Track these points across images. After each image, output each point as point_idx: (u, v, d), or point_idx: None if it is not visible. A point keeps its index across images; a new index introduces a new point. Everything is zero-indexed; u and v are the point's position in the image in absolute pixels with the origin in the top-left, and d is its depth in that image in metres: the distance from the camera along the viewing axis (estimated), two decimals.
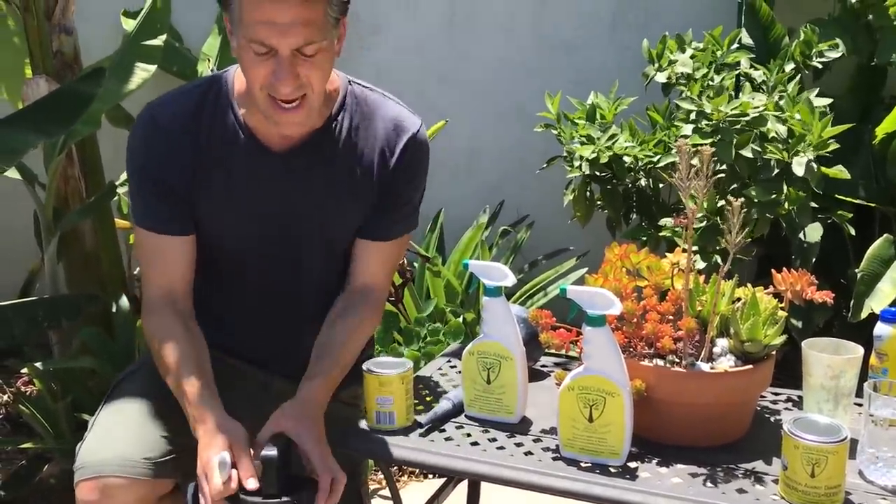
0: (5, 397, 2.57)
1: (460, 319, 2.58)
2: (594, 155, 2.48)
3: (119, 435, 1.39)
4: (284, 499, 1.25)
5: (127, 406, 1.46)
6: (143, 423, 1.41)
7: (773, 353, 1.36)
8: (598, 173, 2.58)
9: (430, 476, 2.48)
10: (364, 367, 1.45)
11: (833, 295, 1.37)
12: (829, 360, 1.36)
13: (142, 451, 1.36)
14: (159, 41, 2.60)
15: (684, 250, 1.37)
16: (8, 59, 2.69)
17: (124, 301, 2.58)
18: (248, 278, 1.55)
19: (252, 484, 1.26)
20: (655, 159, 2.46)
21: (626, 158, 2.49)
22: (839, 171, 2.34)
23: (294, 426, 1.33)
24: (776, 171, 2.33)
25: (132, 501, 1.34)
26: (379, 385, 1.41)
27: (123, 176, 2.86)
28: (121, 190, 2.81)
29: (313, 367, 1.44)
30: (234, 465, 1.28)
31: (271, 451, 1.26)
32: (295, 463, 1.31)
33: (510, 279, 1.43)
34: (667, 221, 2.43)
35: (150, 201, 1.46)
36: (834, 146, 2.29)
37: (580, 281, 1.48)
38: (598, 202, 2.71)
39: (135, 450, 1.36)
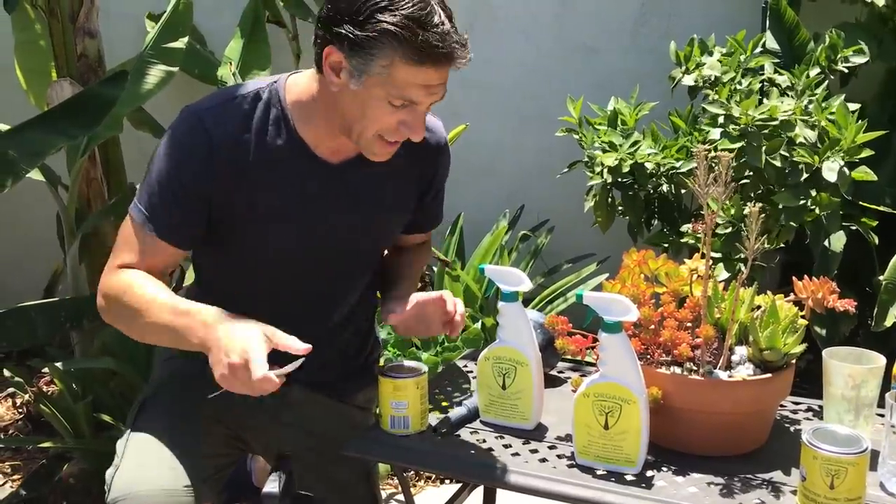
0: (27, 397, 2.60)
1: (479, 325, 2.57)
2: (616, 163, 2.46)
3: (155, 464, 1.37)
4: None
5: (157, 432, 1.43)
6: (176, 450, 1.40)
7: (793, 362, 1.34)
8: (619, 179, 2.56)
9: (447, 481, 2.47)
10: (379, 370, 1.44)
11: (855, 303, 1.35)
12: (850, 369, 1.34)
13: (181, 478, 1.36)
14: (181, 44, 2.63)
15: (703, 256, 1.36)
16: (33, 63, 2.73)
17: None
18: (282, 285, 1.51)
19: (300, 346, 1.24)
20: (678, 165, 2.44)
21: (647, 164, 2.47)
22: (865, 173, 2.30)
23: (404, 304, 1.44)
24: (804, 176, 2.30)
25: None
26: (394, 389, 1.40)
27: None
28: None
29: (393, 283, 1.54)
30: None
31: (272, 488, 1.24)
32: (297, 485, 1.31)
33: (526, 284, 1.42)
34: (688, 228, 2.41)
35: (167, 202, 1.40)
36: (868, 152, 2.25)
37: (600, 287, 1.46)
38: (620, 208, 2.69)
39: (173, 479, 1.35)
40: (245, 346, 1.21)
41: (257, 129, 1.41)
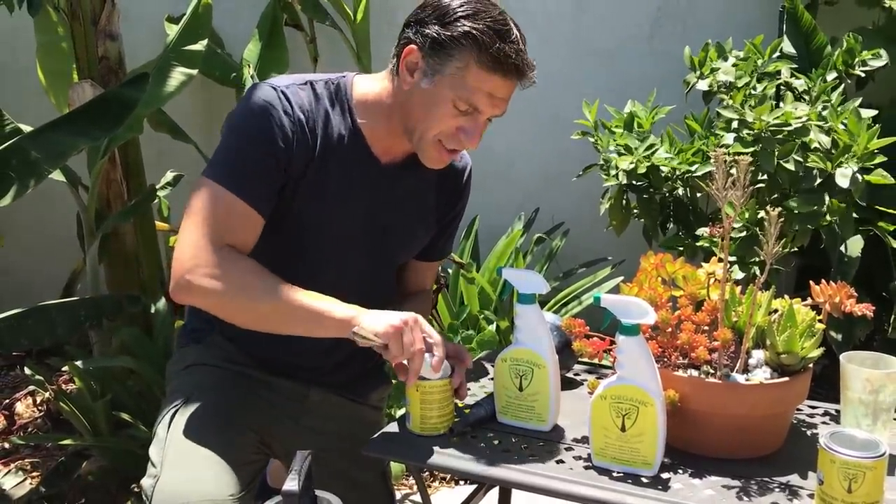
0: (47, 395, 2.62)
1: (493, 327, 2.58)
2: (632, 166, 2.47)
3: (197, 475, 1.37)
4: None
5: (193, 442, 1.43)
6: (216, 459, 1.40)
7: (810, 365, 1.34)
8: (634, 182, 2.57)
9: (461, 482, 2.48)
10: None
11: (873, 308, 1.35)
12: (868, 374, 1.34)
13: (225, 488, 1.36)
14: (201, 46, 2.65)
15: (720, 260, 1.36)
16: (55, 64, 2.76)
17: (163, 302, 2.62)
18: (314, 280, 1.49)
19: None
20: (693, 168, 2.44)
21: (663, 168, 2.48)
22: (882, 177, 2.30)
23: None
24: (818, 181, 2.30)
25: None
26: (423, 393, 1.40)
27: (164, 179, 2.92)
28: (161, 193, 2.87)
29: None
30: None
31: (292, 486, 1.24)
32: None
33: (543, 287, 1.43)
34: (704, 231, 2.41)
35: (253, 170, 1.40)
36: (881, 158, 2.25)
37: (615, 290, 1.47)
38: (635, 211, 2.69)
39: (218, 489, 1.35)
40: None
41: (325, 114, 1.47)
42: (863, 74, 2.56)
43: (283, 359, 1.57)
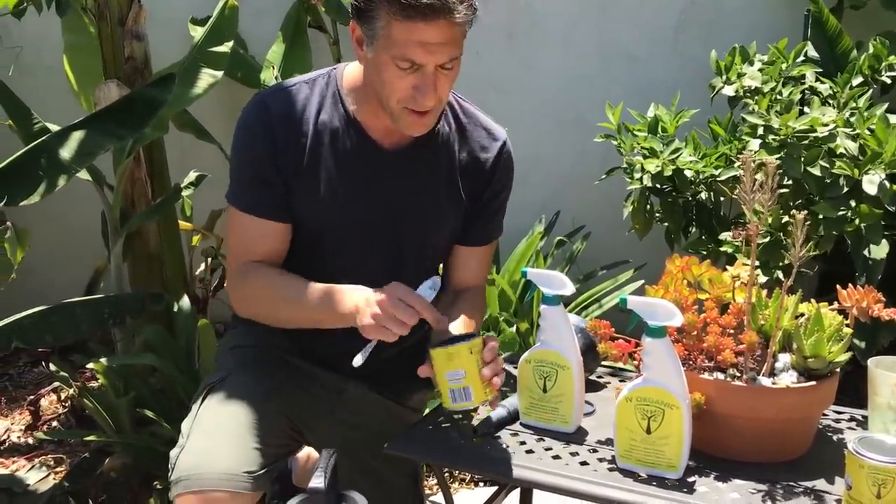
0: (71, 391, 2.65)
1: (514, 329, 2.58)
2: (658, 169, 2.46)
3: (219, 448, 1.40)
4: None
5: (221, 418, 1.47)
6: (240, 436, 1.43)
7: (837, 370, 1.34)
8: (658, 186, 2.56)
9: (482, 484, 2.48)
10: (430, 345, 1.40)
11: None
12: None
13: (243, 464, 1.39)
14: (226, 48, 2.67)
15: (746, 263, 1.36)
16: (83, 64, 2.79)
17: (186, 301, 2.64)
18: (338, 274, 1.52)
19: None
20: (717, 173, 2.43)
21: (687, 172, 2.47)
22: None
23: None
24: (844, 187, 2.28)
25: None
26: (448, 359, 1.34)
27: (188, 179, 2.94)
28: (185, 192, 2.89)
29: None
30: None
31: (318, 483, 1.24)
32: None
33: (569, 288, 1.43)
34: (727, 236, 2.40)
35: (253, 185, 1.49)
36: None
37: (637, 293, 1.47)
38: (658, 214, 2.68)
39: (236, 464, 1.38)
40: (388, 286, 1.35)
41: (316, 109, 1.49)
42: (889, 80, 2.54)
43: (323, 349, 1.59)
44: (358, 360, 1.38)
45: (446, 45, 1.36)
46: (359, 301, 1.37)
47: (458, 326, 1.47)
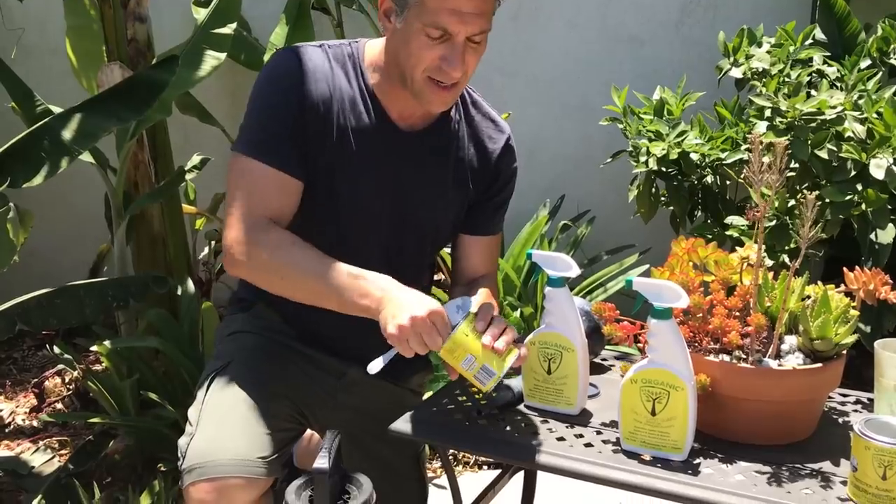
0: (75, 374, 2.65)
1: (518, 314, 2.58)
2: (664, 152, 2.45)
3: (231, 435, 1.39)
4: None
5: (229, 404, 1.45)
6: (250, 422, 1.42)
7: (843, 352, 1.33)
8: (664, 169, 2.55)
9: (485, 467, 2.48)
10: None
11: None
12: None
13: (256, 450, 1.38)
14: (229, 30, 2.65)
15: (755, 244, 1.35)
16: (85, 46, 2.78)
17: (189, 284, 2.63)
18: (342, 253, 1.48)
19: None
20: (724, 156, 2.42)
21: (693, 155, 2.46)
22: None
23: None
24: (852, 171, 2.26)
25: (248, 501, 1.35)
26: (451, 353, 1.32)
27: (191, 162, 2.93)
28: (189, 176, 2.88)
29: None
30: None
31: (322, 464, 1.23)
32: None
33: (574, 270, 1.42)
34: (733, 220, 2.39)
35: (277, 137, 1.43)
36: None
37: (645, 275, 1.46)
38: (663, 198, 2.67)
39: (249, 450, 1.37)
40: (426, 302, 1.29)
41: (341, 77, 1.48)
42: None
43: (325, 333, 1.57)
44: (375, 367, 1.34)
45: (479, 15, 1.36)
46: (387, 302, 1.31)
47: (479, 299, 1.46)
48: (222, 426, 1.41)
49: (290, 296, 1.43)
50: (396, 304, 1.30)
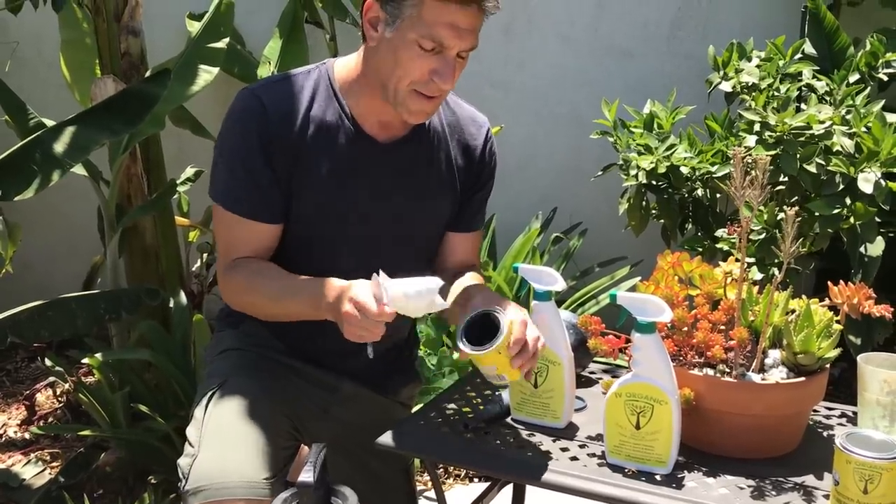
0: (66, 386, 2.65)
1: None
2: (652, 165, 2.46)
3: (235, 456, 1.38)
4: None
5: (230, 424, 1.44)
6: (252, 442, 1.41)
7: (827, 366, 1.34)
8: (654, 182, 2.56)
9: (475, 479, 2.48)
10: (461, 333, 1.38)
11: (892, 309, 1.34)
12: (886, 375, 1.33)
13: (261, 471, 1.37)
14: (222, 44, 2.67)
15: (737, 259, 1.36)
16: (79, 60, 2.79)
17: (182, 296, 2.64)
18: (334, 267, 1.49)
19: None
20: (713, 169, 2.43)
21: (683, 168, 2.47)
22: None
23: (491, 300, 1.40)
24: (840, 185, 2.28)
25: None
26: (478, 360, 1.34)
27: (184, 175, 2.94)
28: (181, 188, 2.89)
29: (465, 292, 1.48)
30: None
31: (307, 477, 1.23)
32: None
33: (560, 284, 1.43)
34: (723, 232, 2.40)
35: (244, 184, 1.46)
36: None
37: (632, 290, 1.47)
38: (654, 211, 2.68)
39: (255, 471, 1.36)
40: (348, 292, 1.30)
41: (308, 103, 1.48)
42: (886, 77, 2.54)
43: (313, 348, 1.58)
44: (371, 352, 1.37)
45: (472, 32, 1.39)
46: (334, 305, 1.33)
47: (466, 280, 1.51)
48: (225, 447, 1.40)
49: (276, 319, 1.51)
50: (334, 306, 1.33)
